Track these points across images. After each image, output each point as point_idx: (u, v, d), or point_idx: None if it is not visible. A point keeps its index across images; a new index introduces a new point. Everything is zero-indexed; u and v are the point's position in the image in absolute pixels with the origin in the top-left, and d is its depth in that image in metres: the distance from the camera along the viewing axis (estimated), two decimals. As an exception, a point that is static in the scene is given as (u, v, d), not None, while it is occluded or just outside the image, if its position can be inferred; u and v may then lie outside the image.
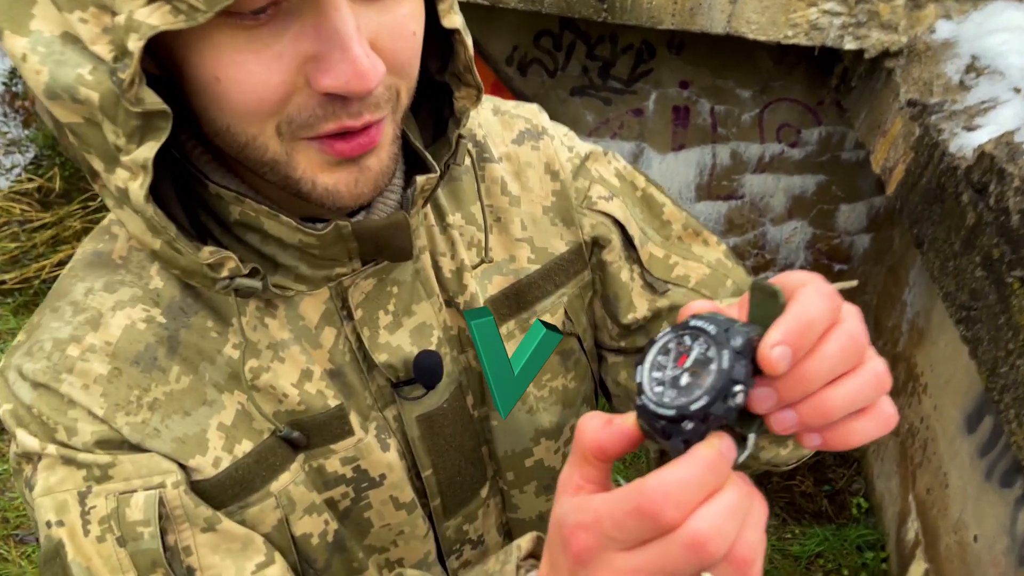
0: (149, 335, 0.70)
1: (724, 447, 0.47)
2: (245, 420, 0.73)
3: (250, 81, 0.57)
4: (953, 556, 2.17)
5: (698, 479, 0.46)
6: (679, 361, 0.50)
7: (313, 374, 0.75)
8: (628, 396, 0.96)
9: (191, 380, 0.71)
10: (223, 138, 0.62)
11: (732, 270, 0.93)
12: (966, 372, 2.21)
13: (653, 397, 0.50)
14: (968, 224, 1.74)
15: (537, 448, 0.91)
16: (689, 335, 0.51)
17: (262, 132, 0.60)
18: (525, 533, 0.96)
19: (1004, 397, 1.45)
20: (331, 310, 0.76)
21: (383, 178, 0.66)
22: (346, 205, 0.65)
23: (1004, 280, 1.53)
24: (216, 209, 0.69)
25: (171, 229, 0.62)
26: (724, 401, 0.47)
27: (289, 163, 0.62)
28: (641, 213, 0.93)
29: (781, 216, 3.24)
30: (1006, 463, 1.93)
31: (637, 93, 2.99)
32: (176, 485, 0.68)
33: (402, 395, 0.80)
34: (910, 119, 2.14)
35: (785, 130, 3.04)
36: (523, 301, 0.87)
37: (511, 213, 0.87)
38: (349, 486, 0.80)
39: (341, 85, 0.57)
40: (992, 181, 1.69)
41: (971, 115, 2.04)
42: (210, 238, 0.70)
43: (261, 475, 0.73)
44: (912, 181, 2.07)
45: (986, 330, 1.57)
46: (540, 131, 0.90)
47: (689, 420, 0.48)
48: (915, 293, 2.75)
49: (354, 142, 0.62)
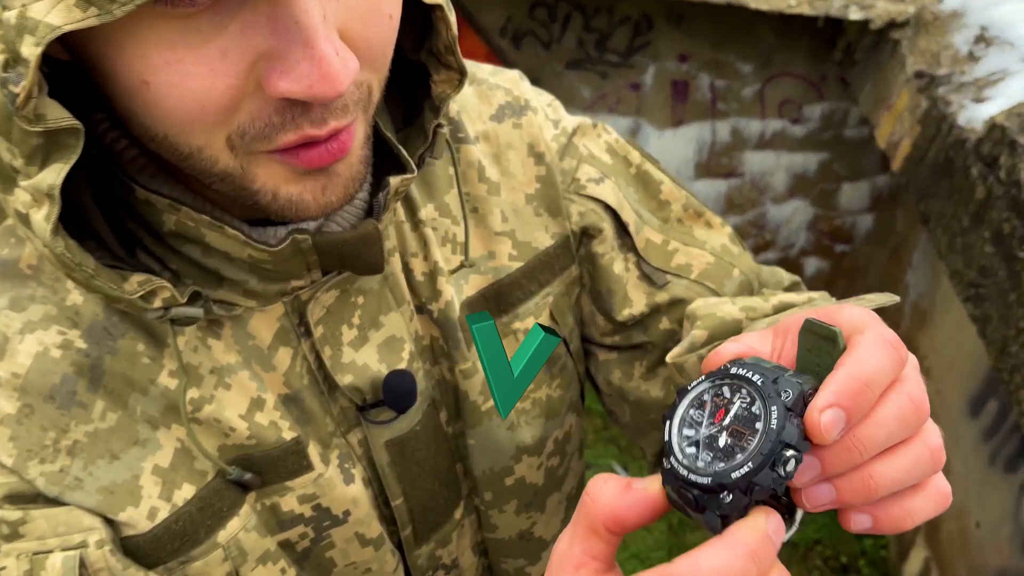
0: (66, 364, 0.58)
1: (772, 527, 0.39)
2: (185, 460, 0.62)
3: (187, 85, 0.46)
4: (955, 543, 2.12)
5: (740, 569, 0.38)
6: (716, 417, 0.42)
7: (265, 403, 0.65)
8: (622, 397, 0.87)
9: (119, 417, 0.60)
10: (159, 145, 0.51)
11: (738, 257, 0.83)
12: (970, 355, 2.14)
13: (684, 461, 0.41)
14: (977, 199, 1.67)
15: (518, 466, 0.81)
16: (729, 386, 0.43)
17: (209, 144, 0.50)
18: (504, 553, 0.87)
19: (1014, 377, 1.39)
20: (286, 328, 0.65)
21: (354, 184, 0.57)
22: (311, 216, 0.56)
23: (1015, 255, 1.46)
24: (145, 216, 0.58)
25: (88, 264, 0.51)
26: (773, 469, 0.39)
27: (245, 176, 0.53)
28: (636, 193, 0.83)
29: (782, 195, 3.17)
30: (1011, 448, 1.87)
31: (634, 67, 2.91)
32: (100, 544, 0.57)
33: (369, 419, 0.70)
34: (917, 92, 2.07)
35: (787, 106, 2.97)
36: (504, 303, 0.77)
37: (490, 203, 0.76)
38: (308, 526, 0.69)
39: (303, 89, 0.46)
40: (1003, 153, 1.62)
41: (980, 87, 1.96)
42: (139, 247, 0.60)
43: (206, 524, 0.63)
44: (919, 156, 2.00)
45: (995, 308, 1.51)
46: (523, 105, 0.79)
47: (729, 491, 0.39)
48: (918, 275, 2.68)
49: (322, 149, 0.52)
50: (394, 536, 0.77)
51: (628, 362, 0.85)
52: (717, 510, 0.40)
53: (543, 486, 0.85)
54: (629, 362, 0.85)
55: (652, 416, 0.85)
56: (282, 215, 0.56)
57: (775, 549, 0.39)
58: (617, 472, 2.99)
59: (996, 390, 1.98)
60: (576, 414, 0.87)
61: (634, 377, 0.85)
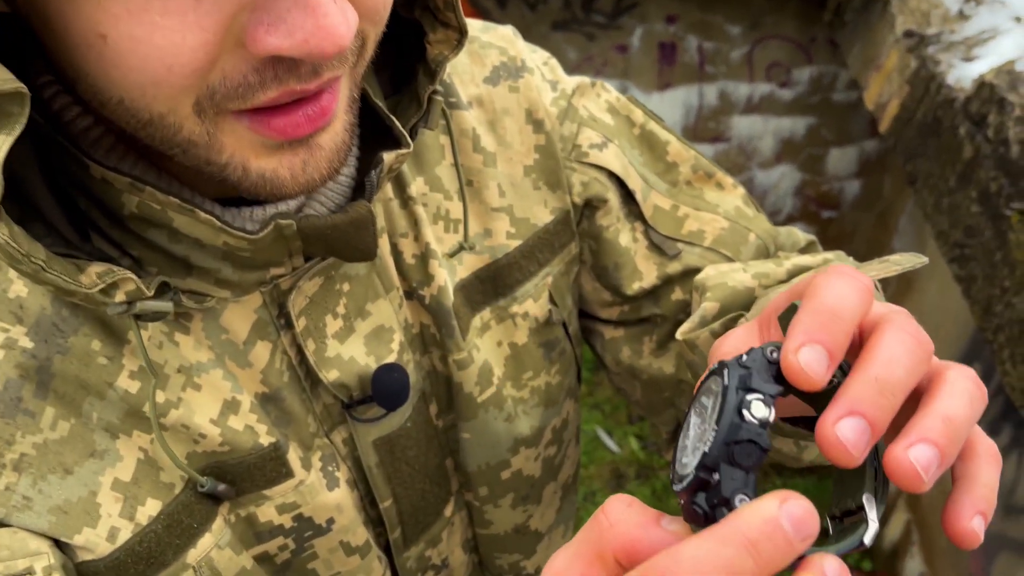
0: (9, 366, 0.51)
1: (789, 516, 0.30)
2: (149, 473, 0.55)
3: (153, 40, 0.39)
4: (936, 506, 2.12)
5: (727, 562, 0.29)
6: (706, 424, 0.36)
7: (240, 405, 0.57)
8: (632, 375, 0.81)
9: (72, 426, 0.52)
10: (113, 111, 0.44)
11: (753, 220, 0.77)
12: (955, 320, 2.14)
13: (680, 472, 0.36)
14: (965, 158, 1.65)
15: (515, 459, 0.76)
16: (704, 394, 0.37)
17: (174, 110, 0.43)
18: (498, 548, 0.82)
19: (998, 337, 1.37)
20: (264, 320, 0.58)
21: (339, 157, 0.50)
22: (289, 194, 0.49)
23: (1002, 214, 1.44)
24: (102, 197, 0.50)
25: (38, 254, 0.44)
26: (740, 420, 0.33)
27: (211, 145, 0.46)
28: (641, 156, 0.77)
29: (769, 160, 3.14)
30: (994, 410, 1.87)
31: (621, 28, 2.86)
32: (48, 572, 0.50)
33: (355, 416, 0.63)
34: (906, 51, 2.04)
35: (775, 69, 2.93)
36: (501, 285, 0.71)
37: (485, 176, 0.69)
38: (288, 537, 0.62)
39: (297, 45, 0.40)
40: (991, 111, 1.59)
41: (970, 46, 1.93)
42: (93, 230, 0.52)
43: (174, 544, 0.56)
44: (907, 116, 1.97)
45: (981, 268, 1.49)
46: (519, 66, 0.72)
47: (714, 470, 0.33)
48: (904, 240, 2.67)
49: (298, 114, 0.45)
50: (381, 539, 0.72)
51: (637, 339, 0.80)
52: (719, 502, 0.33)
53: (540, 477, 0.80)
54: (638, 338, 0.80)
55: (666, 394, 0.80)
56: (255, 193, 0.49)
57: (790, 548, 0.30)
58: (602, 439, 2.98)
59: (980, 353, 1.98)
60: (574, 399, 0.83)
61: (644, 354, 0.80)
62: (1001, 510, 1.78)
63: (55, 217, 0.49)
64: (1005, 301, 1.37)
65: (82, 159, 0.48)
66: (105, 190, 0.50)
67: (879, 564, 2.41)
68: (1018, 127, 1.50)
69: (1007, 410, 1.77)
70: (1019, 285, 1.33)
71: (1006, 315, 1.36)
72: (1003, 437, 1.81)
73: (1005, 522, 1.74)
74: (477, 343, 0.70)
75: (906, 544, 2.24)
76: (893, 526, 2.40)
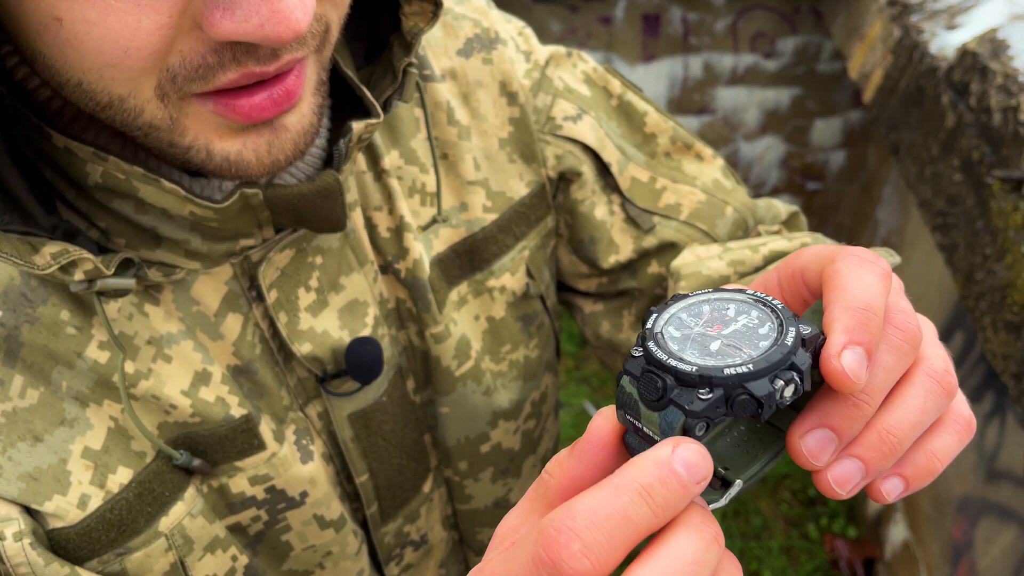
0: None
1: (683, 461, 0.31)
2: (120, 440, 0.55)
3: (108, 23, 0.39)
4: (919, 473, 2.15)
5: (621, 511, 0.30)
6: (714, 327, 0.36)
7: (211, 376, 0.58)
8: (612, 349, 0.81)
9: (41, 394, 0.52)
10: (72, 92, 0.44)
11: (732, 193, 0.77)
12: (938, 289, 2.15)
13: (668, 346, 0.35)
14: (947, 127, 1.65)
15: (494, 432, 0.76)
16: (736, 304, 0.37)
17: (134, 93, 0.43)
18: (478, 523, 0.82)
19: (979, 304, 1.38)
20: (235, 292, 0.58)
21: (305, 139, 0.50)
22: (254, 176, 0.49)
23: (983, 182, 1.44)
24: (66, 167, 0.50)
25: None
26: (771, 382, 0.33)
27: (174, 129, 0.46)
28: (618, 127, 0.76)
29: (754, 132, 3.14)
30: (976, 378, 1.89)
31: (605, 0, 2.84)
32: (19, 537, 0.50)
33: (330, 390, 0.64)
34: (890, 20, 2.03)
35: (760, 39, 2.92)
36: (478, 259, 0.71)
37: (460, 148, 0.69)
38: (261, 508, 0.63)
39: (252, 30, 0.40)
40: (973, 80, 1.59)
41: (953, 14, 1.93)
42: (60, 202, 0.51)
43: (146, 512, 0.56)
44: (890, 86, 1.97)
45: (962, 236, 1.50)
46: (493, 38, 0.71)
47: (711, 389, 0.33)
48: (888, 210, 2.68)
49: (262, 96, 0.45)
50: (358, 514, 0.72)
51: (616, 312, 0.81)
52: (685, 406, 0.33)
53: (519, 451, 0.81)
54: (617, 312, 0.81)
55: None
56: (220, 175, 0.49)
57: (684, 492, 0.31)
58: (589, 412, 3.00)
59: (962, 322, 1.99)
60: (552, 373, 0.83)
61: (624, 328, 0.80)
62: (984, 475, 1.81)
63: (19, 188, 0.48)
64: (986, 268, 1.38)
65: (45, 129, 0.48)
66: (69, 160, 0.49)
67: (863, 531, 2.44)
68: (1000, 95, 1.50)
69: (989, 377, 1.79)
70: (1000, 252, 1.34)
71: (987, 282, 1.37)
72: (985, 404, 1.83)
73: (987, 487, 1.77)
74: (454, 317, 0.70)
75: (890, 511, 2.27)
76: (877, 493, 2.43)
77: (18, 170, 0.49)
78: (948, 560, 1.88)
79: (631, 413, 0.35)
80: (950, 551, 1.88)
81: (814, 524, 2.53)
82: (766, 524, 2.54)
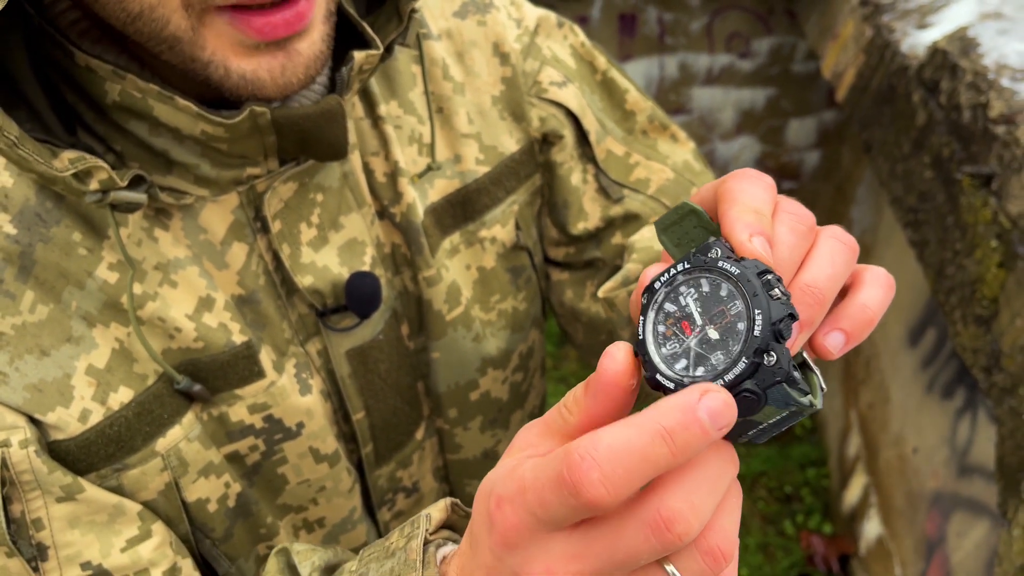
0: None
1: (708, 409, 0.32)
2: (123, 362, 0.58)
3: None
4: (892, 469, 2.17)
5: (642, 449, 0.32)
6: (683, 327, 0.37)
7: (215, 303, 0.61)
8: (575, 317, 0.84)
9: (51, 310, 0.55)
10: (104, 5, 0.47)
11: (699, 175, 0.80)
12: (911, 286, 2.17)
13: (691, 375, 0.37)
14: (918, 124, 1.67)
15: (483, 379, 0.79)
16: (686, 283, 0.38)
17: (162, 2, 0.47)
18: (468, 474, 0.85)
19: (950, 299, 1.40)
20: (241, 221, 0.61)
21: (316, 64, 0.53)
22: (268, 96, 0.52)
23: (953, 178, 1.46)
24: (87, 86, 0.53)
25: (11, 129, 0.46)
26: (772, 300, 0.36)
27: (196, 42, 0.49)
28: (600, 101, 0.80)
29: (730, 132, 3.16)
30: (947, 374, 1.90)
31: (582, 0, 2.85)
32: (24, 444, 0.53)
33: (329, 326, 0.66)
34: (862, 20, 2.05)
35: (735, 40, 2.93)
36: (470, 210, 0.74)
37: (455, 103, 0.72)
38: (259, 438, 0.65)
39: None
40: (944, 77, 1.61)
41: (924, 13, 1.95)
42: (79, 124, 0.54)
43: (144, 431, 0.59)
44: (863, 85, 1.99)
45: (933, 232, 1.51)
46: (487, 2, 0.75)
47: (763, 351, 0.34)
48: (862, 210, 2.70)
49: (276, 17, 0.48)
50: (353, 455, 0.74)
51: (580, 282, 0.83)
52: (776, 380, 0.34)
53: (507, 402, 0.83)
54: (581, 282, 0.83)
55: (602, 337, 0.83)
56: (236, 93, 0.52)
57: (705, 437, 0.32)
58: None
59: (934, 318, 2.01)
60: (539, 330, 0.86)
61: (585, 297, 0.83)
62: (956, 470, 1.82)
63: (40, 105, 0.52)
64: (956, 263, 1.40)
65: (68, 47, 0.52)
66: (89, 79, 0.53)
67: (839, 527, 2.46)
68: (969, 92, 1.52)
69: (961, 373, 1.81)
70: (970, 247, 1.35)
71: (957, 277, 1.38)
72: (957, 400, 1.85)
73: (959, 482, 1.78)
74: (446, 263, 0.73)
75: (864, 507, 2.29)
76: (852, 489, 2.45)
77: (42, 91, 0.52)
78: (922, 555, 1.89)
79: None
80: (924, 546, 1.89)
81: (790, 521, 2.55)
82: (743, 521, 2.55)
